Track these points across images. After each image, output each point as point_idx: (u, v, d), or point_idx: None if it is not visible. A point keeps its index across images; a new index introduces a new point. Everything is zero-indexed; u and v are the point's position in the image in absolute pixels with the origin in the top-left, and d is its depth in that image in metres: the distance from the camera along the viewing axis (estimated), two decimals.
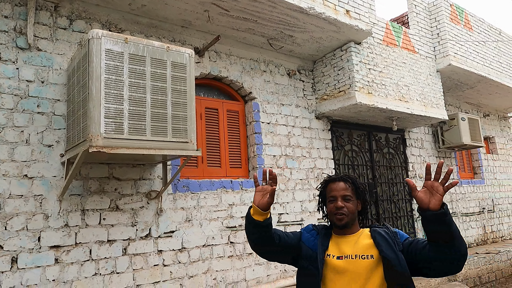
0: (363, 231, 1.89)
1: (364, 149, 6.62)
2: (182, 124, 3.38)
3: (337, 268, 1.78)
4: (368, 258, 1.76)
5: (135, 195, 3.98)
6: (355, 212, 1.87)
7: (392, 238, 1.79)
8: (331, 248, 1.86)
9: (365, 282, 1.73)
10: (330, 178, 1.95)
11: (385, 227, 1.88)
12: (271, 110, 5.34)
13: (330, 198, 1.88)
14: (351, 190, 1.87)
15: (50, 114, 3.62)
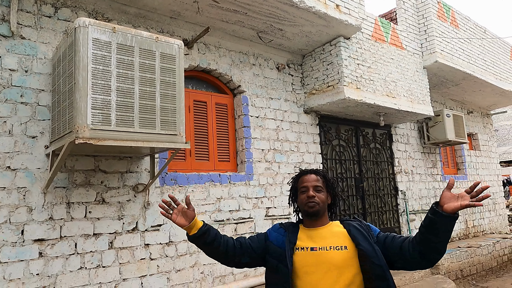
0: (334, 223, 1.94)
1: (352, 144, 6.66)
2: (171, 116, 3.33)
3: (311, 261, 1.79)
4: (342, 249, 1.79)
5: (122, 188, 3.92)
6: (325, 203, 1.92)
7: (366, 231, 1.85)
8: (301, 241, 1.87)
9: (340, 273, 1.75)
10: (301, 172, 2.01)
11: (357, 220, 1.93)
12: (260, 104, 5.32)
13: (301, 189, 1.93)
14: (322, 182, 1.93)
15: (34, 104, 3.52)
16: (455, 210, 1.60)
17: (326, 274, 1.75)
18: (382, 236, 1.86)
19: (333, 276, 1.75)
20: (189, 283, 4.23)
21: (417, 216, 7.54)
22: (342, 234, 1.84)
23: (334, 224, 1.93)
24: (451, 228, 1.65)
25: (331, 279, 1.74)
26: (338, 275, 1.74)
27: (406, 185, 7.48)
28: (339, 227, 1.90)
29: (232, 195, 4.78)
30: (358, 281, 1.76)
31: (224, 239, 1.97)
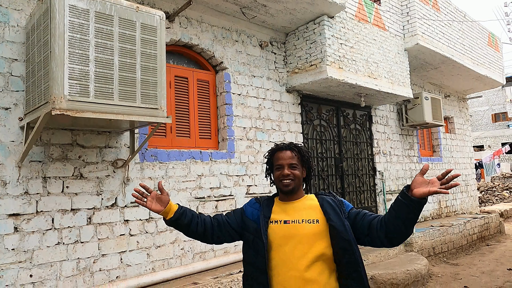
0: (308, 197, 1.97)
1: (332, 124, 6.71)
2: (152, 90, 3.25)
3: (284, 233, 1.84)
4: (313, 223, 1.84)
5: (101, 163, 3.83)
6: (300, 178, 1.94)
7: (339, 206, 1.89)
8: (276, 215, 1.91)
9: (311, 246, 1.80)
10: (277, 147, 2.00)
11: (332, 195, 1.96)
12: (242, 81, 5.26)
13: (277, 166, 1.94)
14: (297, 158, 1.94)
15: (6, 74, 3.36)
16: (423, 195, 1.62)
17: (297, 246, 1.80)
18: (353, 212, 1.90)
19: (304, 248, 1.79)
20: (169, 259, 4.23)
21: (393, 196, 7.73)
22: (315, 207, 1.89)
23: (309, 197, 1.97)
24: (417, 212, 1.67)
25: (301, 251, 1.79)
26: (308, 247, 1.79)
27: (384, 165, 7.64)
28: (313, 200, 1.93)
29: (213, 173, 4.76)
30: (328, 254, 1.82)
31: (201, 219, 2.01)
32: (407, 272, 5.49)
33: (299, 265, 1.78)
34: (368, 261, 5.99)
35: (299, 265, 1.78)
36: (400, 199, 1.69)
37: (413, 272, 5.55)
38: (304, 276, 1.77)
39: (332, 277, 1.83)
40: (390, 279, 5.33)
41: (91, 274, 3.64)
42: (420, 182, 1.66)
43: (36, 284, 3.33)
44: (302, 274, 1.77)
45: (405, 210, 1.67)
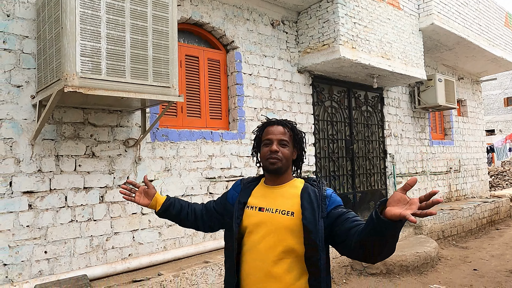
0: (295, 183, 1.78)
1: (344, 106, 6.63)
2: (163, 68, 3.21)
3: (257, 220, 1.70)
4: (287, 215, 1.66)
5: (112, 142, 3.83)
6: (289, 159, 1.75)
7: (319, 202, 1.65)
8: (254, 199, 1.77)
9: (281, 239, 1.64)
10: (268, 121, 1.81)
11: (318, 187, 1.72)
12: (253, 61, 5.18)
13: (265, 141, 1.75)
14: (289, 135, 1.75)
15: (18, 52, 3.33)
16: (394, 218, 1.30)
17: (266, 237, 1.66)
18: (336, 212, 1.64)
19: (273, 240, 1.64)
20: (181, 238, 4.26)
21: (404, 179, 7.68)
22: (295, 198, 1.69)
23: (295, 183, 1.78)
24: (389, 235, 1.36)
25: (270, 242, 1.64)
26: (278, 240, 1.63)
27: (394, 148, 7.56)
28: (296, 188, 1.74)
29: (224, 153, 4.75)
30: (299, 252, 1.63)
31: (191, 208, 1.97)
32: (416, 254, 5.49)
33: (266, 257, 1.63)
34: None
35: (266, 257, 1.63)
36: (371, 215, 1.39)
37: (423, 254, 5.55)
38: (270, 270, 1.62)
39: (303, 279, 1.63)
40: (399, 261, 5.34)
41: (104, 251, 3.68)
42: (397, 200, 1.34)
43: (51, 260, 3.38)
44: (267, 268, 1.63)
45: (374, 231, 1.38)
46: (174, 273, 3.63)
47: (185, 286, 3.63)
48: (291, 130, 1.78)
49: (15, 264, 3.20)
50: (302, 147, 1.82)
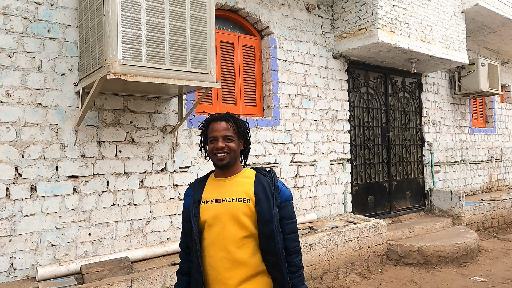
0: (246, 173, 1.83)
1: (380, 92, 6.44)
2: (201, 54, 3.21)
3: (215, 213, 1.72)
4: (244, 202, 1.70)
5: (151, 128, 3.90)
6: (237, 151, 1.80)
7: (272, 192, 1.72)
8: (208, 193, 1.79)
9: (241, 226, 1.68)
10: (211, 117, 1.84)
11: (270, 177, 1.79)
12: (288, 47, 5.10)
13: (211, 138, 1.79)
14: (232, 130, 1.79)
15: (61, 40, 3.43)
16: None
17: (226, 225, 1.69)
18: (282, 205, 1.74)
19: (234, 228, 1.68)
20: None
21: (441, 168, 7.43)
22: (248, 186, 1.74)
23: (246, 173, 1.82)
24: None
25: (231, 231, 1.68)
26: (239, 227, 1.68)
27: (432, 136, 7.30)
28: (249, 178, 1.79)
29: (259, 140, 4.74)
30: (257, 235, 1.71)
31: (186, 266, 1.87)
32: (456, 245, 5.32)
33: (228, 245, 1.68)
34: (414, 233, 5.85)
35: (229, 245, 1.67)
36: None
37: (462, 245, 5.37)
38: (234, 257, 1.67)
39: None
40: (437, 252, 5.20)
41: (144, 235, 3.79)
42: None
43: (95, 242, 3.51)
44: (231, 255, 1.67)
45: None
46: None
47: None
48: (234, 124, 1.81)
49: (62, 245, 3.35)
50: (246, 138, 1.88)
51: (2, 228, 3.09)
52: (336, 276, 4.62)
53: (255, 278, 1.69)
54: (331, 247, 4.58)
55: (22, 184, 3.19)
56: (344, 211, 5.69)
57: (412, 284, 4.59)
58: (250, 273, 1.68)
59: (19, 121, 3.20)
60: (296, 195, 5.09)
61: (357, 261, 4.89)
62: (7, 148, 3.14)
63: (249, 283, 1.67)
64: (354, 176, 5.93)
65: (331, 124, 5.52)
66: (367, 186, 6.16)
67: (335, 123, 5.57)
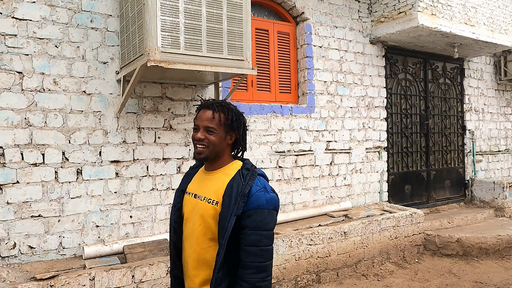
0: (228, 170, 1.65)
1: (419, 79, 6.23)
2: (237, 41, 3.23)
3: (191, 207, 1.66)
4: (212, 204, 1.59)
5: (188, 115, 3.99)
6: (219, 145, 1.62)
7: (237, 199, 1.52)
8: (193, 185, 1.73)
9: (209, 226, 1.58)
10: (203, 103, 1.68)
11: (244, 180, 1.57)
12: (323, 32, 5.02)
13: (195, 126, 1.67)
14: (217, 121, 1.61)
15: (103, 30, 3.55)
16: None
17: (197, 224, 1.61)
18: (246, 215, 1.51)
19: (201, 228, 1.60)
20: None
21: (484, 157, 7.12)
22: (222, 186, 1.60)
23: (229, 170, 1.65)
24: None
25: (200, 230, 1.61)
26: (205, 228, 1.59)
27: (475, 124, 6.99)
28: (228, 176, 1.62)
29: (293, 127, 4.73)
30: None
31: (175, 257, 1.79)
32: (498, 237, 5.12)
33: (196, 245, 1.61)
34: (453, 223, 5.68)
35: (197, 245, 1.61)
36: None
37: (505, 237, 5.16)
38: (199, 257, 1.61)
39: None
40: (478, 243, 5.03)
41: None
42: None
43: (135, 224, 3.67)
44: (197, 255, 1.61)
45: None
46: None
47: None
48: (222, 114, 1.62)
49: (106, 226, 3.52)
50: (239, 130, 1.67)
51: (51, 208, 3.29)
52: (371, 265, 4.58)
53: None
54: (366, 236, 4.54)
55: (69, 168, 3.37)
56: (379, 200, 5.60)
57: (450, 275, 4.47)
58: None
59: (66, 108, 3.37)
60: (330, 183, 5.06)
61: (393, 251, 4.82)
62: (55, 133, 3.32)
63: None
64: (390, 165, 5.81)
65: (367, 111, 5.41)
66: (404, 175, 6.01)
67: (371, 110, 5.45)
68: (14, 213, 3.15)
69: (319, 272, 4.16)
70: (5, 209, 3.12)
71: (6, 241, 3.12)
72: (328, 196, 5.03)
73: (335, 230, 4.30)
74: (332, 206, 4.94)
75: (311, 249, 4.10)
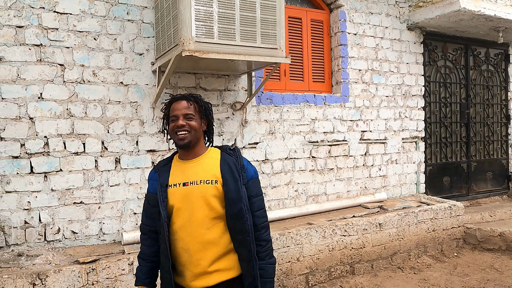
0: (211, 153, 1.81)
1: (460, 65, 5.95)
2: (271, 29, 3.21)
3: (183, 196, 1.71)
4: (212, 183, 1.70)
5: (221, 105, 4.01)
6: (198, 131, 1.77)
7: (239, 170, 1.74)
8: (174, 177, 1.77)
9: (210, 207, 1.69)
10: (173, 98, 1.82)
11: (236, 156, 1.79)
12: (358, 19, 4.89)
13: (172, 117, 1.77)
14: (193, 109, 1.77)
15: (139, 21, 3.62)
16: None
17: (195, 208, 1.69)
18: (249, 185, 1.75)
19: (203, 209, 1.69)
20: (284, 200, 4.38)
21: None
22: (215, 167, 1.74)
23: (211, 153, 1.80)
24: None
25: (201, 213, 1.69)
26: (208, 208, 1.69)
27: None
28: (214, 159, 1.77)
29: (327, 117, 4.66)
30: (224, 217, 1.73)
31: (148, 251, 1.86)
32: None
33: (198, 228, 1.69)
34: (495, 217, 5.44)
35: (199, 228, 1.69)
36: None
37: None
38: (204, 238, 1.69)
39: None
40: None
41: None
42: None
43: None
44: (202, 237, 1.69)
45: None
46: (279, 232, 3.76)
47: (290, 244, 3.74)
48: (196, 103, 1.79)
49: None
50: (209, 118, 1.86)
51: (92, 196, 3.42)
52: (407, 257, 4.47)
53: (226, 256, 1.72)
54: (402, 228, 4.43)
55: (108, 157, 3.49)
56: (416, 191, 5.44)
57: (492, 271, 4.29)
58: (221, 252, 1.71)
59: (104, 99, 3.48)
60: (365, 174, 4.96)
61: (430, 244, 4.68)
62: (95, 123, 3.44)
63: (220, 262, 1.71)
64: (428, 155, 5.62)
65: (404, 100, 5.24)
66: (442, 166, 5.80)
67: (408, 99, 5.27)
68: (58, 199, 3.30)
69: (353, 263, 4.10)
70: (50, 196, 3.27)
71: (51, 226, 3.28)
72: (363, 187, 4.94)
73: (370, 222, 4.22)
74: (366, 197, 4.85)
75: (345, 240, 4.05)
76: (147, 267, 1.86)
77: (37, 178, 3.23)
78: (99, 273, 2.93)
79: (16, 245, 3.18)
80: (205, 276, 1.69)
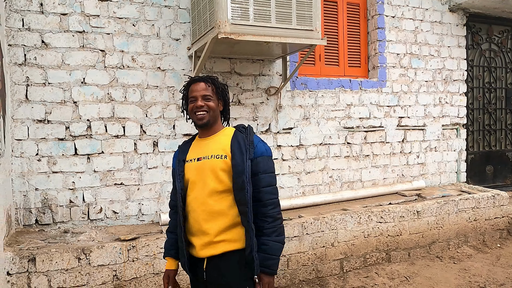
0: (226, 131, 1.91)
1: (506, 49, 5.64)
2: (307, 11, 3.17)
3: (196, 170, 1.82)
4: (221, 158, 1.79)
5: (255, 90, 4.02)
6: (216, 111, 1.88)
7: (247, 146, 1.79)
8: (192, 153, 1.89)
9: (220, 180, 1.77)
10: (191, 80, 1.93)
11: (246, 133, 1.85)
12: (397, 1, 4.73)
13: (191, 98, 1.88)
14: (211, 90, 1.87)
15: (175, 7, 3.68)
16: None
17: (206, 180, 1.79)
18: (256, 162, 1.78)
19: (213, 182, 1.78)
20: (318, 186, 4.35)
21: None
22: (226, 143, 1.83)
23: (225, 132, 1.91)
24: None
25: (210, 185, 1.78)
26: (217, 181, 1.77)
27: None
28: (227, 136, 1.86)
29: (363, 102, 4.56)
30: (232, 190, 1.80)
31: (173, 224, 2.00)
32: None
33: (209, 199, 1.78)
34: None
35: (209, 199, 1.78)
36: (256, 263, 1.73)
37: None
38: (213, 209, 1.77)
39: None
40: None
41: None
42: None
43: None
44: (210, 208, 1.77)
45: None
46: (314, 216, 3.74)
47: (324, 229, 3.72)
48: (213, 84, 1.89)
49: None
50: (225, 99, 1.96)
51: (132, 177, 3.54)
52: (446, 247, 4.33)
53: (233, 228, 1.79)
54: (441, 216, 4.29)
55: (146, 140, 3.59)
56: (456, 180, 5.24)
57: None
58: (228, 223, 1.78)
59: (143, 84, 3.57)
60: (402, 161, 4.83)
61: (471, 233, 4.50)
62: (134, 108, 3.54)
63: (227, 233, 1.78)
64: (470, 143, 5.39)
65: (445, 85, 5.04)
66: (485, 155, 5.55)
67: (449, 84, 5.06)
68: (100, 180, 3.44)
69: (389, 250, 4.03)
70: (93, 177, 3.42)
71: (94, 206, 3.44)
72: (400, 175, 4.82)
73: (407, 209, 4.11)
74: (403, 185, 4.73)
75: (381, 227, 3.97)
76: (173, 239, 1.97)
77: (80, 160, 3.39)
78: (139, 250, 3.04)
79: (62, 222, 3.36)
80: (212, 245, 1.78)
